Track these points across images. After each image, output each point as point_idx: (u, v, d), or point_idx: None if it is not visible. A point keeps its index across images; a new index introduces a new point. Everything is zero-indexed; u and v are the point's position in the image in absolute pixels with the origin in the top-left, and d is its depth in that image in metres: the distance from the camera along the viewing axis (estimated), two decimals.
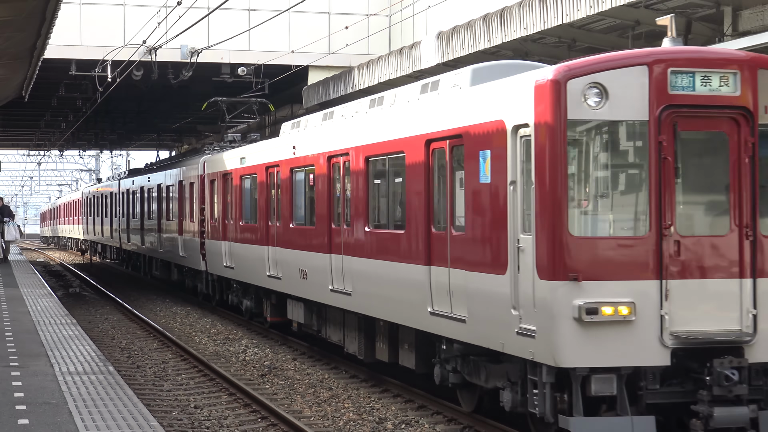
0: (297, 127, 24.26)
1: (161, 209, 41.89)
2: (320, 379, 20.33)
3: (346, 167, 19.83)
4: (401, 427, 16.00)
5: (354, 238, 19.04)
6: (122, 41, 35.49)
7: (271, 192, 24.98)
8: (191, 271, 36.09)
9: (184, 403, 18.15)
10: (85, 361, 17.54)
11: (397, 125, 17.62)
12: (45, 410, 13.07)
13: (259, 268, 25.39)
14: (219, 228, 30.36)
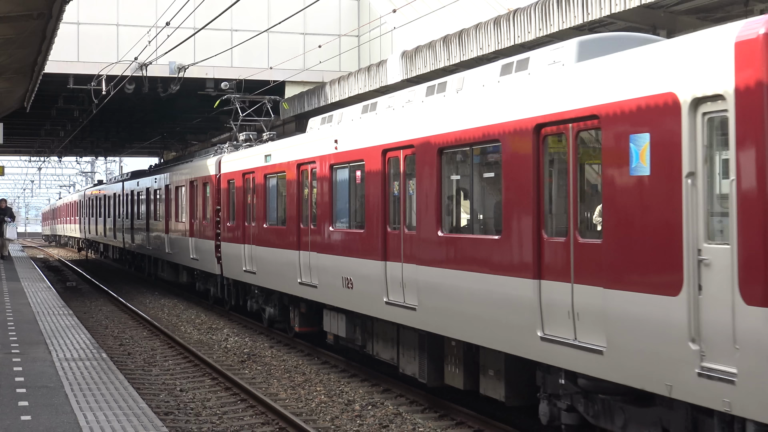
0: (329, 122, 20.77)
1: (169, 210, 37.12)
2: (294, 365, 20.34)
3: (410, 161, 15.67)
4: (367, 408, 16.01)
5: (421, 243, 14.87)
6: (116, 58, 35.47)
7: (303, 192, 21.06)
8: (203, 274, 31.76)
9: (170, 387, 18.12)
10: (81, 349, 17.47)
11: (484, 111, 13.45)
12: (43, 393, 13.04)
13: (288, 274, 21.36)
14: (238, 230, 26.09)
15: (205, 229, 30.30)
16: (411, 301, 15.19)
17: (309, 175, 20.51)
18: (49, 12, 18.82)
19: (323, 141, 19.69)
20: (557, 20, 20.64)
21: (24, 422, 11.22)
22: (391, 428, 14.62)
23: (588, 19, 19.59)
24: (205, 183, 30.65)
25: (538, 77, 12.48)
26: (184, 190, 34.15)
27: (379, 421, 15.13)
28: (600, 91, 10.81)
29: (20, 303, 25.56)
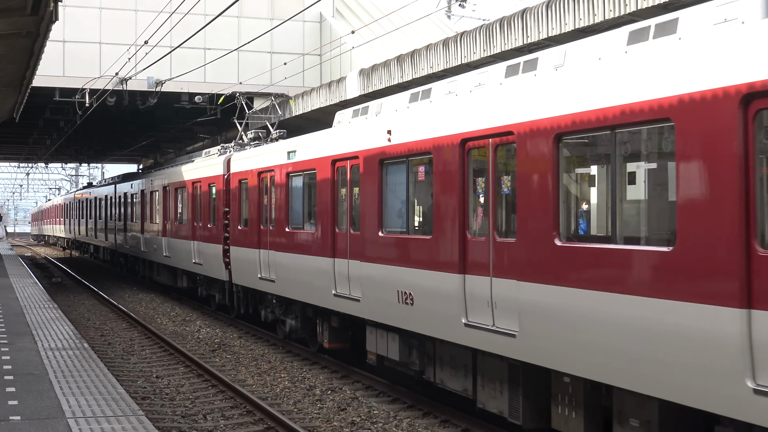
0: (362, 114, 16.79)
1: (167, 213, 32.65)
2: (261, 354, 20.29)
3: (506, 153, 11.56)
4: (327, 393, 16.01)
5: (526, 253, 10.80)
6: (98, 73, 35.28)
7: (339, 192, 17.04)
8: (207, 280, 27.51)
9: (147, 374, 18.02)
10: (64, 339, 17.34)
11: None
12: (29, 380, 12.94)
13: (319, 285, 17.36)
14: (252, 234, 21.91)
15: (210, 233, 26.23)
16: (509, 327, 11.14)
17: (348, 172, 16.54)
18: (36, 30, 18.73)
19: (371, 132, 15.37)
20: (500, 42, 20.80)
21: (11, 406, 11.16)
22: (348, 411, 14.62)
23: (527, 41, 19.74)
24: (210, 184, 26.63)
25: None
26: (184, 192, 29.99)
27: (337, 404, 15.12)
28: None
29: (8, 297, 25.35)
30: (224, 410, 14.84)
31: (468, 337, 12.11)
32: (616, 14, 17.00)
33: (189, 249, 28.45)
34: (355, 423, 13.83)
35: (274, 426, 13.47)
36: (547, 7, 19.01)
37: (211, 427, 13.73)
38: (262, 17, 38.18)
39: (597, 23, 17.58)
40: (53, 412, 10.93)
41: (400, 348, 14.57)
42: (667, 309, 8.76)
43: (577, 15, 18.09)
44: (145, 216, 36.92)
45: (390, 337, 14.89)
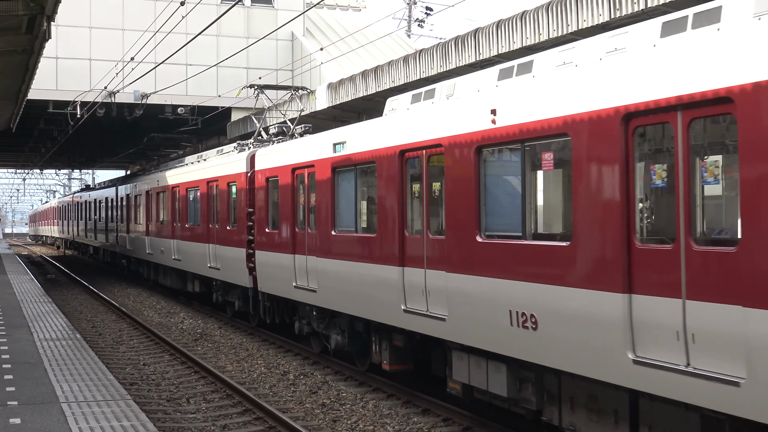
0: (428, 98, 13.03)
1: (175, 214, 28.52)
2: (239, 343, 20.22)
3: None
4: (300, 378, 15.98)
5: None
6: (89, 86, 35.12)
7: (409, 188, 12.98)
8: (224, 286, 23.56)
9: (135, 361, 17.91)
10: (58, 330, 17.20)
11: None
12: (26, 368, 12.84)
13: (383, 297, 13.42)
14: (285, 238, 17.63)
15: (230, 236, 22.15)
16: (736, 372, 7.28)
17: (423, 164, 12.47)
18: (31, 48, 18.62)
19: (469, 113, 11.17)
20: (455, 59, 20.86)
21: (9, 392, 11.08)
22: (319, 394, 14.60)
23: (479, 58, 19.80)
24: (229, 183, 22.42)
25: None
26: (196, 193, 25.99)
27: (309, 388, 15.10)
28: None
29: (6, 293, 25.12)
30: (206, 394, 14.78)
31: (638, 379, 8.47)
32: (559, 33, 17.10)
33: (204, 252, 24.52)
34: (326, 404, 13.82)
35: (251, 408, 13.44)
36: (498, 27, 19.09)
37: (193, 409, 13.67)
38: (238, 36, 38.14)
39: (542, 41, 17.68)
40: (48, 398, 10.85)
41: (509, 381, 10.71)
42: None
43: (524, 34, 18.17)
44: (150, 218, 32.52)
45: (493, 366, 11.04)
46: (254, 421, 12.84)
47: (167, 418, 13.00)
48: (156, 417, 12.79)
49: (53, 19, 16.23)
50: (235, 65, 36.67)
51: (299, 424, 12.23)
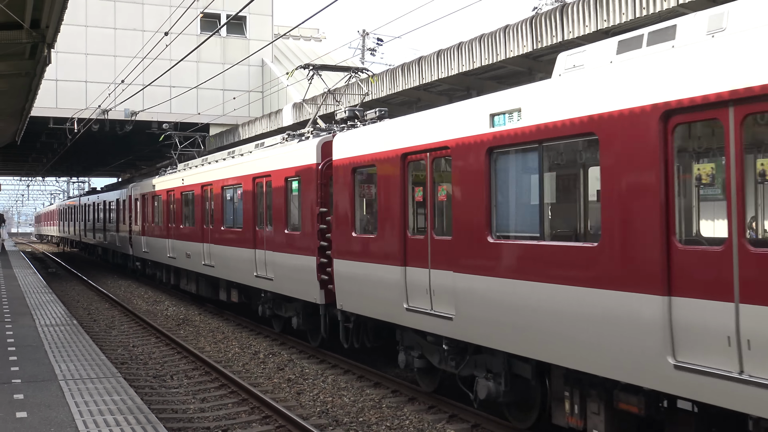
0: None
1: (205, 215, 22.05)
2: (216, 327, 20.03)
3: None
4: (269, 356, 15.88)
5: None
6: (84, 105, 34.76)
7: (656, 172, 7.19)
8: (278, 299, 17.37)
9: (125, 344, 17.66)
10: (57, 317, 16.92)
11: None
12: (28, 350, 12.62)
13: (589, 338, 7.88)
14: (388, 244, 12.09)
15: (291, 240, 16.00)
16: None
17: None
18: (33, 71, 18.41)
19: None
20: (401, 82, 20.88)
21: (13, 371, 10.89)
22: (285, 370, 14.52)
23: (423, 81, 19.84)
24: (288, 178, 16.26)
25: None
26: (238, 191, 19.68)
27: (277, 365, 15.01)
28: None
29: (12, 284, 24.66)
30: (187, 372, 14.63)
31: None
32: (491, 62, 17.20)
33: (248, 259, 18.34)
34: (291, 379, 13.75)
35: (227, 383, 13.32)
36: (438, 56, 19.16)
37: (176, 385, 13.52)
38: (215, 62, 37.95)
39: (475, 68, 17.78)
40: (48, 376, 10.67)
41: None
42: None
43: (461, 62, 18.25)
44: (171, 220, 26.37)
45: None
46: (229, 395, 12.74)
47: (153, 392, 12.85)
48: (143, 392, 12.65)
49: (53, 47, 16.06)
50: (212, 87, 36.49)
51: (268, 396, 12.15)
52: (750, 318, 6.37)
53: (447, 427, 10.62)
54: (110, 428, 8.19)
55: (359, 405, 11.86)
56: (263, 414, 11.35)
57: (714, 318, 6.68)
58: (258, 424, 10.95)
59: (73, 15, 34.35)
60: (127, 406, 9.12)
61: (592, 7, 14.04)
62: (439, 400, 11.66)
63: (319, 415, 11.34)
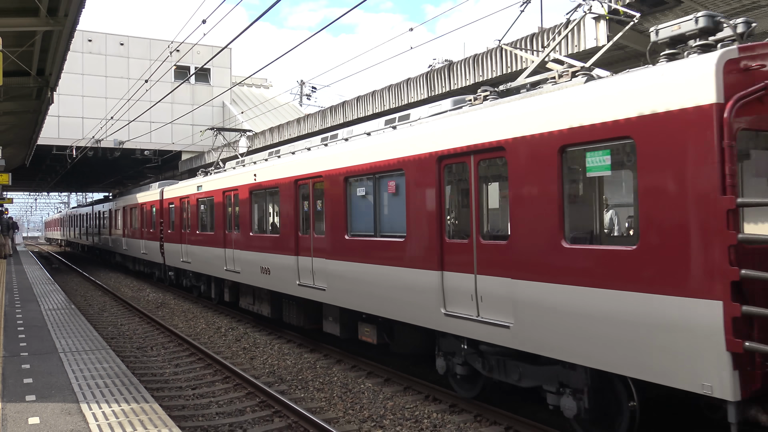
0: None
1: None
2: (188, 308, 19.53)
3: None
4: (229, 330, 15.58)
5: None
6: (81, 136, 33.63)
7: None
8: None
9: (114, 323, 17.07)
10: (59, 303, 16.23)
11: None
12: (34, 330, 12.05)
13: None
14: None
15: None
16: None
17: None
18: (39, 109, 17.79)
19: None
20: (330, 121, 20.83)
21: (22, 346, 10.39)
22: (242, 341, 14.27)
23: (346, 120, 19.83)
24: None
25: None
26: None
27: (235, 337, 14.73)
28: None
29: (22, 278, 23.53)
30: (164, 344, 14.23)
31: None
32: (397, 104, 17.32)
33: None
34: (246, 348, 13.52)
35: (195, 352, 13.02)
36: (357, 101, 19.20)
37: (155, 354, 13.14)
38: (186, 103, 37.19)
39: (385, 110, 17.88)
40: (50, 349, 10.24)
41: None
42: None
43: (374, 105, 18.33)
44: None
45: None
46: (197, 361, 12.44)
47: (137, 361, 12.46)
48: (128, 361, 12.25)
49: (55, 90, 15.54)
50: (184, 122, 35.84)
51: (228, 361, 11.94)
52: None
53: (365, 381, 10.62)
54: (100, 389, 7.91)
55: (299, 366, 11.74)
56: (224, 375, 11.14)
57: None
58: (220, 383, 10.74)
59: (72, 65, 33.26)
60: (115, 372, 8.82)
61: (470, 66, 14.30)
62: (360, 360, 11.65)
63: (267, 375, 11.19)
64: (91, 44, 35.84)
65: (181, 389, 10.39)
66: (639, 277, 5.48)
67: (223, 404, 9.56)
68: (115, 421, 6.65)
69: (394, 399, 9.54)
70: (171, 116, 35.33)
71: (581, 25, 11.18)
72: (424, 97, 15.99)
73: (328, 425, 8.07)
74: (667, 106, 5.30)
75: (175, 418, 8.62)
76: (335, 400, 9.62)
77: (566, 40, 11.53)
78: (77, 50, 34.61)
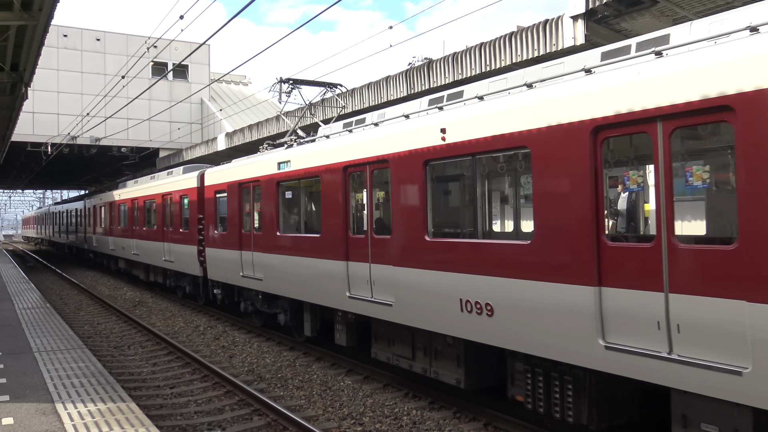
0: None
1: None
2: (166, 307, 19.36)
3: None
4: (208, 329, 15.47)
5: None
6: (56, 132, 33.14)
7: None
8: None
9: (91, 322, 16.87)
10: (34, 301, 16.00)
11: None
12: (8, 329, 11.88)
13: None
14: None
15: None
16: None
17: None
18: (13, 105, 17.45)
19: None
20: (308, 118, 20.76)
21: None
22: (221, 339, 14.18)
23: (325, 117, 19.78)
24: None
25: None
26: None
27: (214, 335, 14.64)
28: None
29: None
30: (142, 343, 14.10)
31: None
32: (377, 102, 17.31)
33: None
34: (225, 346, 13.44)
35: (173, 351, 12.91)
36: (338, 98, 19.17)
37: (133, 353, 13.00)
38: (164, 100, 36.84)
39: (364, 107, 17.85)
40: (24, 349, 10.08)
41: None
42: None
43: (354, 103, 18.30)
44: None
45: None
46: (176, 360, 12.35)
47: (113, 360, 12.32)
48: (105, 360, 12.11)
49: (29, 85, 15.27)
50: (161, 119, 35.49)
51: (207, 360, 11.85)
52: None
53: (345, 378, 10.61)
54: (76, 389, 7.81)
55: (278, 364, 11.70)
56: (203, 374, 11.06)
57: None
58: (198, 382, 10.66)
59: (47, 60, 32.78)
60: (91, 371, 8.71)
61: (449, 64, 14.34)
62: (339, 358, 11.65)
63: (246, 373, 11.13)
64: (67, 39, 35.35)
65: (158, 388, 10.30)
66: None
67: (202, 403, 9.50)
68: (91, 420, 6.58)
69: (374, 396, 9.54)
70: (149, 113, 34.98)
71: (559, 24, 11.26)
72: (404, 94, 15.99)
73: (308, 423, 8.05)
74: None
75: (153, 418, 8.54)
76: (315, 397, 9.60)
77: (545, 39, 11.59)
78: (52, 45, 34.12)
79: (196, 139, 36.33)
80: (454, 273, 7.49)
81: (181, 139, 35.30)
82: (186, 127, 36.17)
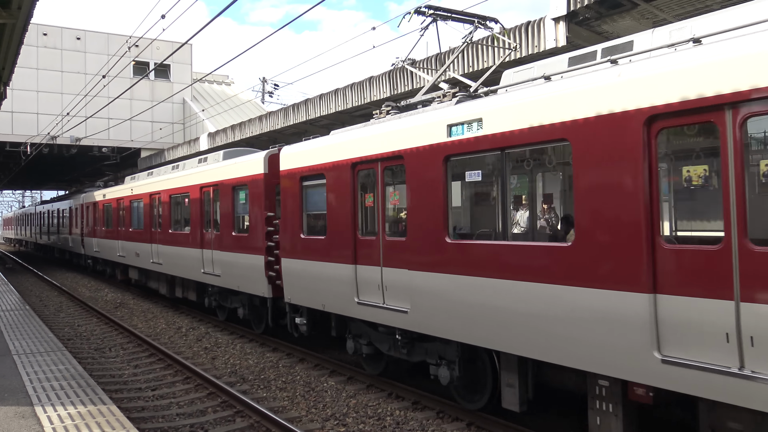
0: None
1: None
2: (147, 308, 19.20)
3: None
4: (190, 330, 15.37)
5: None
6: (36, 132, 32.73)
7: None
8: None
9: (71, 324, 16.68)
10: (13, 303, 15.80)
11: None
12: None
13: None
14: None
15: None
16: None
17: None
18: None
19: None
20: (292, 119, 20.71)
21: None
22: (203, 341, 14.10)
23: (309, 117, 19.71)
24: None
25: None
26: None
27: (196, 337, 14.55)
28: None
29: None
30: (123, 345, 13.97)
31: None
32: (360, 103, 17.30)
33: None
34: (207, 348, 13.37)
35: (155, 353, 12.81)
36: (320, 99, 19.13)
37: (114, 355, 12.88)
38: (145, 99, 36.51)
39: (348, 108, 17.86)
40: (2, 351, 9.95)
41: None
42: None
43: (336, 104, 18.30)
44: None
45: None
46: (157, 362, 12.25)
47: (94, 362, 12.20)
48: (86, 362, 11.99)
49: (8, 84, 15.05)
50: (143, 119, 35.16)
51: (189, 361, 11.78)
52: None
53: (328, 379, 10.60)
54: (56, 392, 7.72)
55: (261, 365, 11.66)
56: (185, 375, 10.99)
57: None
58: (180, 384, 10.59)
59: (26, 59, 32.37)
60: (71, 374, 8.62)
61: (433, 65, 14.37)
62: (323, 359, 11.62)
63: (229, 375, 11.08)
64: (47, 38, 34.95)
65: (140, 390, 10.22)
66: None
67: (184, 405, 9.44)
68: (71, 423, 6.51)
69: (357, 397, 9.54)
70: (130, 113, 34.65)
71: (541, 25, 11.31)
72: (387, 95, 16.00)
73: (291, 424, 8.03)
74: None
75: (134, 420, 8.47)
76: (298, 398, 9.58)
77: (527, 41, 11.60)
78: (32, 44, 33.70)
79: (178, 140, 36.07)
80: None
81: (163, 139, 35.01)
82: (168, 127, 35.88)
